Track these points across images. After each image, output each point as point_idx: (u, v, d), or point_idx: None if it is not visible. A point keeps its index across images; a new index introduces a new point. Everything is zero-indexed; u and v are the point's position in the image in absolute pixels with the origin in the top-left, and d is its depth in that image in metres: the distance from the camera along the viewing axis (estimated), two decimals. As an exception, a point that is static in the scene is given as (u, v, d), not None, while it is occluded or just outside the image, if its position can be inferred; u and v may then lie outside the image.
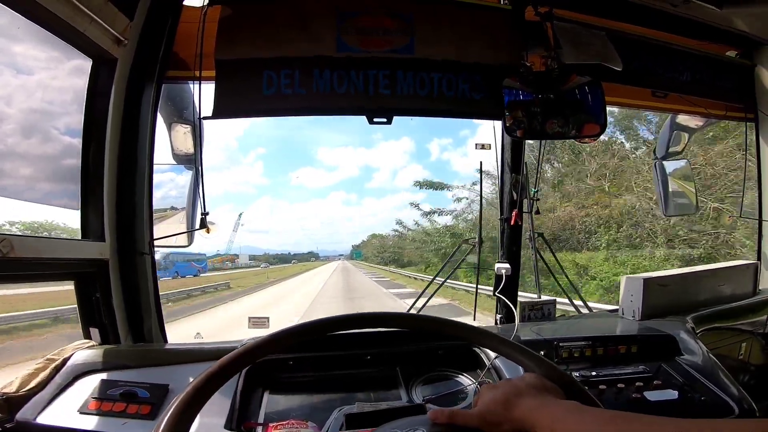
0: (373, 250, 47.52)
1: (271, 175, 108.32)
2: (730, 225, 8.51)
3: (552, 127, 1.47)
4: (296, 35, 1.45)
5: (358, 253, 56.25)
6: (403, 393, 1.21)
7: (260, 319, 1.42)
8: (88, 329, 1.26)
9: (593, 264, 10.87)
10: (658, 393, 1.10)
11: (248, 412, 1.11)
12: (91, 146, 1.29)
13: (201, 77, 1.41)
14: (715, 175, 8.71)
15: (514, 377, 0.76)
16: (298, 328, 0.72)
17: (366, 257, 52.44)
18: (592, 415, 0.50)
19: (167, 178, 1.61)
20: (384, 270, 34.24)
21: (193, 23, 1.42)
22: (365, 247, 57.97)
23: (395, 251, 34.22)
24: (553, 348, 1.27)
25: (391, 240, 38.04)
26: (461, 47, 1.51)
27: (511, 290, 1.68)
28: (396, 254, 33.79)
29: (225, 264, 40.31)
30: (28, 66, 1.31)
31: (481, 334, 0.76)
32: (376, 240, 47.92)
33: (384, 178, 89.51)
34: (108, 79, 1.30)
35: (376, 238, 48.48)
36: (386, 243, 39.94)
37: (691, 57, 1.91)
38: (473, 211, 15.21)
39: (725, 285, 1.86)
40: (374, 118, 1.47)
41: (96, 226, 1.26)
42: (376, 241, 47.60)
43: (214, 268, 33.95)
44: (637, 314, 1.60)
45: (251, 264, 48.55)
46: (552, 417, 0.52)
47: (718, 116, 2.07)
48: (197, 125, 1.48)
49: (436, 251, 18.96)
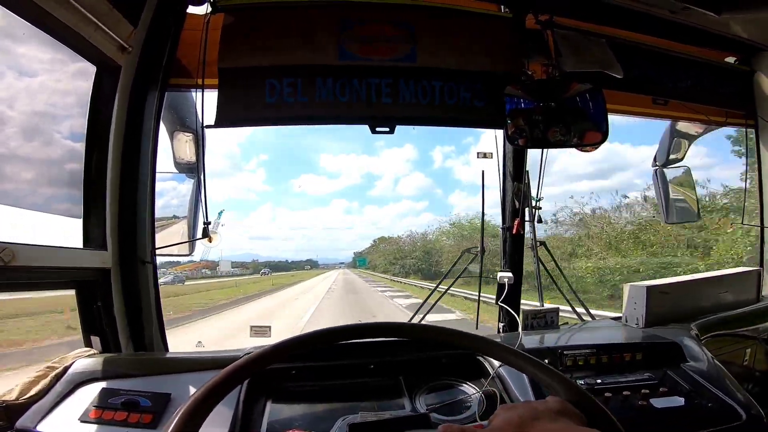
0: (382, 258, 41.30)
1: (273, 182, 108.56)
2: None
3: (554, 135, 1.47)
4: (298, 44, 1.46)
5: (363, 261, 49.38)
6: (406, 402, 1.20)
7: (262, 328, 1.42)
8: (89, 337, 1.25)
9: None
10: (664, 400, 1.09)
11: (251, 421, 1.10)
12: (94, 154, 1.29)
13: (204, 85, 1.41)
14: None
15: (533, 400, 0.74)
16: (301, 338, 0.72)
17: (374, 265, 44.82)
18: None
19: (170, 186, 1.60)
20: (405, 284, 25.66)
21: (196, 31, 1.43)
22: (371, 254, 51.17)
23: (421, 256, 28.78)
24: (558, 356, 1.26)
25: (406, 242, 34.34)
26: (463, 56, 1.52)
27: (513, 299, 1.67)
28: (424, 261, 28.28)
29: (202, 272, 34.64)
30: (33, 69, 1.31)
31: (506, 351, 0.74)
32: (385, 244, 43.46)
33: (386, 186, 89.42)
34: (112, 85, 1.30)
35: (385, 242, 44.28)
36: (402, 247, 35.37)
37: (690, 64, 1.92)
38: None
39: (728, 292, 1.85)
40: (377, 127, 1.48)
41: (98, 235, 1.26)
42: (386, 245, 43.09)
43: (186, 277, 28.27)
44: (641, 322, 1.59)
45: (234, 272, 41.55)
46: None
47: (718, 123, 2.07)
48: (200, 133, 1.48)
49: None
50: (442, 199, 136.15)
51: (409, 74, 1.48)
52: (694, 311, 1.71)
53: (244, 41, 1.44)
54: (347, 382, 1.25)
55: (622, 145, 36.69)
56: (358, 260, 51.23)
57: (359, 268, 49.85)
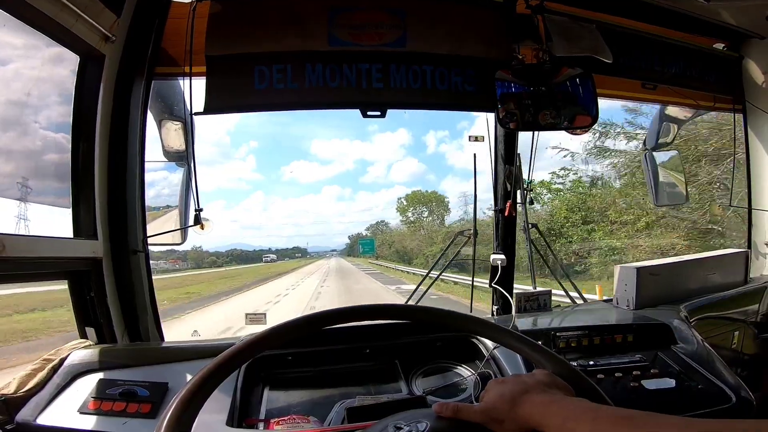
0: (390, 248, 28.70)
1: (264, 170, 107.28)
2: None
3: (544, 118, 1.48)
4: (288, 30, 1.45)
5: (369, 243, 30.26)
6: (403, 385, 1.22)
7: (257, 316, 1.42)
8: (84, 329, 1.24)
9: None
10: (655, 381, 1.12)
11: (249, 408, 1.11)
12: (81, 144, 1.27)
13: (191, 73, 1.39)
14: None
15: (522, 373, 0.75)
16: (295, 322, 0.72)
17: (380, 254, 30.01)
18: (606, 413, 0.48)
19: (160, 176, 1.57)
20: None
21: (182, 19, 1.41)
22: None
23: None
24: (551, 338, 1.28)
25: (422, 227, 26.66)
26: (453, 40, 1.52)
27: (506, 281, 1.69)
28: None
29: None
30: (8, 57, 1.28)
31: (493, 329, 0.75)
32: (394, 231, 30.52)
33: (379, 173, 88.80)
34: (96, 75, 1.28)
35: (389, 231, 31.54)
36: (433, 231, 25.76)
37: (679, 49, 1.93)
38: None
39: (716, 274, 1.88)
40: (368, 111, 1.47)
41: (88, 225, 1.25)
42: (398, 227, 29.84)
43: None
44: (631, 303, 1.62)
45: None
46: (564, 415, 0.50)
47: (706, 107, 2.10)
48: (188, 121, 1.46)
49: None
50: (435, 184, 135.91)
51: (400, 59, 1.48)
52: (683, 293, 1.74)
53: (232, 28, 1.42)
54: (343, 366, 1.26)
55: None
56: (363, 244, 32.22)
57: (365, 255, 33.77)
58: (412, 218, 28.44)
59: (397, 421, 0.62)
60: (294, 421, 1.03)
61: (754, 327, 1.92)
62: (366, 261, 31.14)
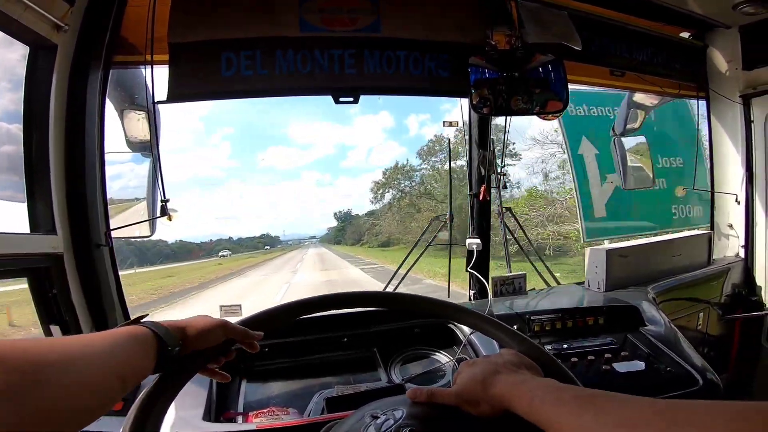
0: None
1: (239, 157, 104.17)
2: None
3: (517, 104, 1.50)
4: (256, 16, 1.40)
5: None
6: (382, 373, 1.22)
7: (232, 307, 1.39)
8: (49, 327, 1.18)
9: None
10: (626, 364, 1.15)
11: (227, 402, 1.09)
12: (34, 136, 1.19)
13: (153, 61, 1.33)
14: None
15: (491, 354, 0.76)
16: (268, 312, 0.70)
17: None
18: (570, 393, 0.49)
19: (127, 168, 1.50)
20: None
21: (142, 6, 1.34)
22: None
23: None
24: (526, 322, 1.31)
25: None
26: (427, 26, 1.50)
27: (482, 265, 1.71)
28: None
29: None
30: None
31: (460, 311, 0.76)
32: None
33: (359, 157, 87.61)
34: (48, 66, 1.19)
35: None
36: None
37: (647, 38, 1.98)
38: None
39: (682, 255, 1.96)
40: (340, 97, 1.45)
41: (46, 219, 1.18)
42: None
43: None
44: (602, 286, 1.67)
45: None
46: (531, 394, 0.51)
47: (672, 94, 2.16)
48: (152, 111, 1.40)
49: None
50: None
51: (374, 45, 1.45)
52: (650, 274, 1.80)
53: (196, 14, 1.36)
54: (322, 356, 1.25)
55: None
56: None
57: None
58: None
59: (373, 410, 0.61)
60: (273, 413, 1.02)
61: (718, 308, 2.01)
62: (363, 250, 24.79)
